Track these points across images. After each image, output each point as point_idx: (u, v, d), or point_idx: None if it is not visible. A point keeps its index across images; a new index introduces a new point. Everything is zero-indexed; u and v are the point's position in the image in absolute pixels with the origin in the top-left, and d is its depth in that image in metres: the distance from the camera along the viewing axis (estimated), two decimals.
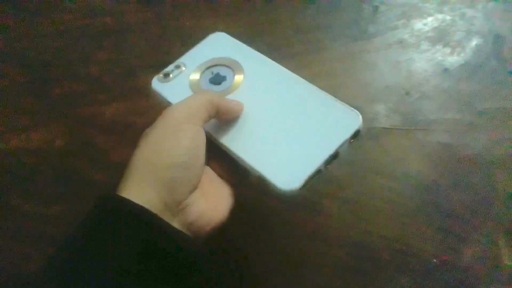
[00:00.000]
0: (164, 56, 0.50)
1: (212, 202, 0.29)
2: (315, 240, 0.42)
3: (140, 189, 0.26)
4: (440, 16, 0.48)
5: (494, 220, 0.41)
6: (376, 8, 0.48)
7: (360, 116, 0.30)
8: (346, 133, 0.29)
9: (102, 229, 0.25)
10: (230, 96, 0.33)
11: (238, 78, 0.34)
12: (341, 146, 0.29)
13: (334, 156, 0.29)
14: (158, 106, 0.33)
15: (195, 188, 0.28)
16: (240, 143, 0.31)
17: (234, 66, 0.35)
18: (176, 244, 0.26)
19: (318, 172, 0.29)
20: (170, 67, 0.37)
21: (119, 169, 0.28)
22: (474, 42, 0.46)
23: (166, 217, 0.26)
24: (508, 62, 0.45)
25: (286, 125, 0.31)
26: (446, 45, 0.47)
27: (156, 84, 0.36)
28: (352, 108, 0.30)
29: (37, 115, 0.50)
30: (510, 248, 0.40)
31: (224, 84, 0.35)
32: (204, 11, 0.55)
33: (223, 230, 0.29)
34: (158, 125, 0.28)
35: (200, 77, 0.36)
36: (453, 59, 0.46)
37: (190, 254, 0.26)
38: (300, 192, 0.28)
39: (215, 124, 0.32)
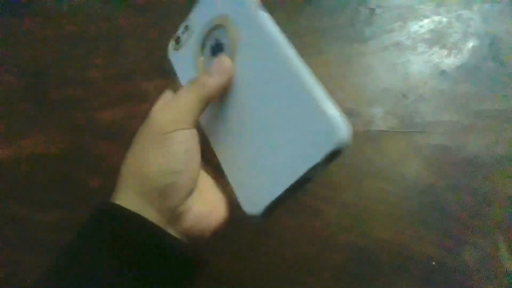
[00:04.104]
0: (160, 60, 0.50)
1: (210, 204, 0.28)
2: (313, 244, 0.42)
3: (132, 202, 0.26)
4: (436, 18, 0.47)
5: (492, 222, 0.41)
6: (372, 11, 0.48)
7: (345, 130, 0.21)
8: (319, 154, 0.22)
9: (97, 238, 0.25)
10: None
11: (234, 51, 0.27)
12: (311, 170, 0.22)
13: (305, 181, 0.23)
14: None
15: (191, 192, 0.27)
16: (221, 147, 0.28)
17: (231, 31, 0.28)
18: (170, 250, 0.25)
19: (283, 199, 0.23)
20: (181, 29, 0.31)
21: (116, 175, 0.28)
22: (470, 43, 0.46)
23: (162, 225, 0.26)
24: (504, 64, 0.45)
25: (266, 129, 0.25)
26: (442, 47, 0.47)
27: (171, 53, 0.31)
28: (341, 118, 0.22)
29: (33, 120, 0.50)
30: (509, 250, 0.40)
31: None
32: None
33: (221, 234, 0.29)
34: (143, 132, 0.27)
35: (204, 46, 0.30)
36: (450, 61, 0.46)
37: (185, 259, 0.26)
38: (263, 220, 0.24)
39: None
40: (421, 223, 0.42)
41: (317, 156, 0.22)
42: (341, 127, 0.21)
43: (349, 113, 0.45)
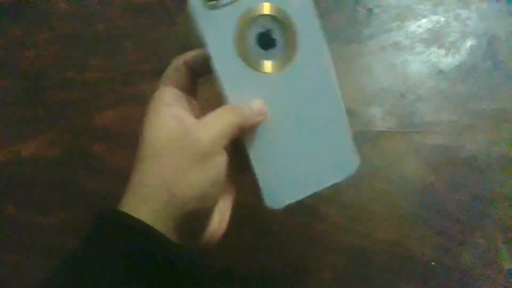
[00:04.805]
0: (159, 62, 0.50)
1: (217, 219, 0.28)
2: (313, 245, 0.42)
3: (148, 214, 0.24)
4: (434, 17, 0.48)
5: (492, 222, 0.41)
6: (370, 11, 0.48)
7: (359, 164, 0.30)
8: (340, 176, 0.30)
9: (101, 245, 0.24)
10: (271, 77, 0.28)
11: (290, 55, 0.28)
12: (330, 186, 0.30)
13: (320, 190, 0.30)
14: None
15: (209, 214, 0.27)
16: (254, 146, 0.29)
17: (290, 33, 0.28)
18: (178, 259, 0.25)
19: (300, 201, 0.30)
20: None
21: (115, 177, 0.28)
22: (468, 43, 0.46)
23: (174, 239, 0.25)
24: (503, 63, 0.45)
25: (300, 140, 0.30)
26: (440, 46, 0.47)
27: (196, 6, 0.27)
28: (356, 152, 0.30)
29: (32, 123, 0.50)
30: (508, 250, 0.40)
31: (271, 53, 0.28)
32: None
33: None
34: (178, 145, 0.25)
35: (249, 26, 0.27)
36: (448, 61, 0.46)
37: (191, 267, 0.26)
38: (279, 211, 0.30)
39: None
40: (420, 223, 0.42)
41: (342, 176, 0.30)
42: (358, 162, 0.30)
43: (348, 113, 0.45)
